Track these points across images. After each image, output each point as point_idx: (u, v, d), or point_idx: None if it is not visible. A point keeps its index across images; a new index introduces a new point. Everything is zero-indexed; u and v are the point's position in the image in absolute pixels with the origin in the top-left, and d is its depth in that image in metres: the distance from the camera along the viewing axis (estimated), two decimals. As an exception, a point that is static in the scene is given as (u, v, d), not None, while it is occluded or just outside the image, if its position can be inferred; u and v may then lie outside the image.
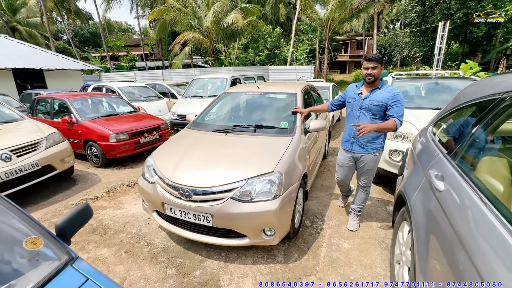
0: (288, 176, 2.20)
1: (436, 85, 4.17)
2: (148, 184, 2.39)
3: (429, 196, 1.36)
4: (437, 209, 1.24)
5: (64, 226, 1.11)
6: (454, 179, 1.21)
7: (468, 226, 1.01)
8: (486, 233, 0.92)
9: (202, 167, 2.22)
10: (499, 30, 16.42)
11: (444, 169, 1.34)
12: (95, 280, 0.96)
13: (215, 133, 2.83)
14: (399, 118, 2.15)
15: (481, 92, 1.38)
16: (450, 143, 1.50)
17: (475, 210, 1.02)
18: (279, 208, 2.02)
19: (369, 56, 2.18)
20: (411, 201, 1.58)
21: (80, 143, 4.80)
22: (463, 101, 1.55)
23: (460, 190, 1.14)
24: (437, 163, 1.44)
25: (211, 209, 2.03)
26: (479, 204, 1.02)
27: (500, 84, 1.22)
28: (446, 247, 1.09)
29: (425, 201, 1.39)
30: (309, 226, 2.80)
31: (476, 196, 1.06)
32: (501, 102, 1.17)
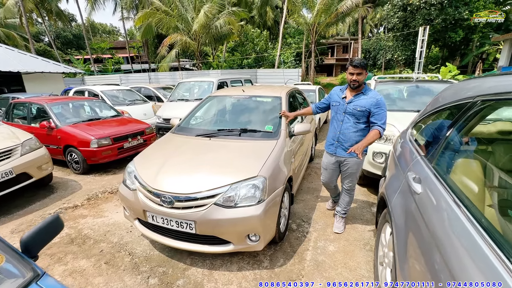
0: (273, 180, 2.19)
1: (417, 88, 4.30)
2: (129, 191, 2.32)
3: (407, 198, 1.37)
4: (415, 211, 1.26)
5: (30, 240, 1.05)
6: (430, 181, 1.24)
7: (443, 227, 1.03)
8: (459, 235, 0.93)
9: (185, 173, 2.18)
10: (475, 35, 17.23)
11: (421, 172, 1.36)
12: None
13: (199, 137, 2.78)
14: (381, 126, 2.19)
15: (456, 95, 1.42)
16: (427, 145, 1.53)
17: (449, 212, 1.03)
18: (263, 213, 2.00)
19: (355, 62, 2.16)
20: (392, 203, 1.60)
21: (59, 149, 4.61)
22: (440, 104, 1.60)
23: (436, 192, 1.16)
24: (415, 166, 1.47)
25: (194, 216, 1.99)
26: (453, 206, 1.04)
27: (473, 89, 1.26)
28: (423, 248, 1.10)
29: (404, 203, 1.40)
30: (295, 229, 2.79)
31: (450, 199, 1.08)
32: (473, 106, 1.21)
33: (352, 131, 2.33)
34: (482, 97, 1.15)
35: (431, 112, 1.73)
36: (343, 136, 2.39)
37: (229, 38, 19.12)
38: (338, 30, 30.89)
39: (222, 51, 25.09)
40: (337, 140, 2.43)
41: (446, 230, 1.01)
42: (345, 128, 2.35)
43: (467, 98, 1.26)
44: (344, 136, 2.38)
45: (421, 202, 1.23)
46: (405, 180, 1.51)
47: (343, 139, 2.39)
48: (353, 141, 2.35)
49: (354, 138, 2.34)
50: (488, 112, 1.17)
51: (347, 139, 2.36)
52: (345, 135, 2.37)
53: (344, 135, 2.38)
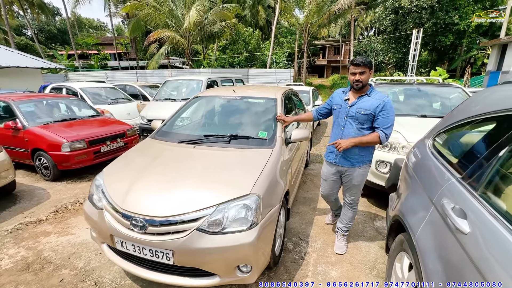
0: (268, 198, 1.85)
1: (419, 91, 4.06)
2: (94, 210, 1.92)
3: (445, 236, 1.06)
4: (461, 256, 0.94)
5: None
6: (483, 219, 0.92)
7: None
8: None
9: (162, 190, 1.80)
10: (464, 40, 17.50)
11: (463, 202, 1.05)
12: None
13: (182, 144, 2.41)
14: (384, 131, 1.96)
15: (503, 104, 1.12)
16: (463, 164, 1.23)
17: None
18: (256, 239, 1.66)
19: (356, 61, 1.95)
20: (417, 235, 1.29)
21: (27, 153, 4.12)
22: (477, 112, 1.30)
23: (498, 236, 0.84)
24: (451, 191, 1.16)
25: (171, 244, 1.62)
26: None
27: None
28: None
29: (440, 241, 1.09)
30: (292, 249, 2.46)
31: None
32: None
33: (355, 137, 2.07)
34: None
35: (461, 122, 1.43)
36: None
37: (221, 37, 18.66)
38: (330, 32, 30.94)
39: (213, 50, 24.59)
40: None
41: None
42: (347, 134, 2.09)
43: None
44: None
45: (472, 246, 0.92)
46: (437, 207, 1.20)
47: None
48: (356, 149, 2.09)
49: (357, 146, 2.07)
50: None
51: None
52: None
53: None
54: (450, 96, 4.07)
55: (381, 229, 2.81)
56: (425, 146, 1.71)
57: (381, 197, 3.36)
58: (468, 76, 15.53)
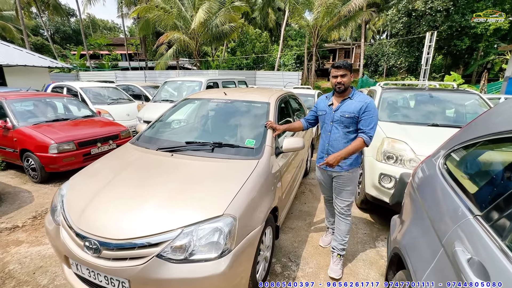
0: (247, 218, 1.59)
1: (430, 97, 3.71)
2: (52, 225, 1.71)
3: (449, 273, 0.77)
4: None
5: None
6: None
7: None
8: None
9: (122, 208, 1.56)
10: (481, 44, 16.75)
11: (483, 252, 0.76)
12: None
13: (159, 152, 2.18)
14: (367, 133, 1.93)
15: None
16: (482, 197, 0.93)
17: None
18: (229, 269, 1.40)
19: (337, 63, 1.96)
20: (421, 280, 1.00)
21: (16, 153, 4.00)
22: (499, 129, 0.99)
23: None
24: (467, 233, 0.87)
25: (128, 272, 1.38)
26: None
27: None
28: None
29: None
30: (279, 273, 2.18)
31: None
32: None
33: (342, 142, 2.02)
34: None
35: (481, 139, 1.12)
36: (332, 148, 2.06)
37: (230, 37, 18.55)
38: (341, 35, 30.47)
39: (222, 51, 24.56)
40: (327, 153, 2.10)
41: None
42: (334, 139, 2.06)
43: None
44: (333, 148, 2.06)
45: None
46: (447, 253, 0.91)
47: (332, 152, 2.05)
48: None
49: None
50: None
51: (336, 151, 2.01)
52: (334, 147, 2.05)
53: (333, 147, 2.06)
54: (465, 103, 3.70)
55: (384, 252, 2.50)
56: (435, 165, 1.41)
57: (385, 213, 3.05)
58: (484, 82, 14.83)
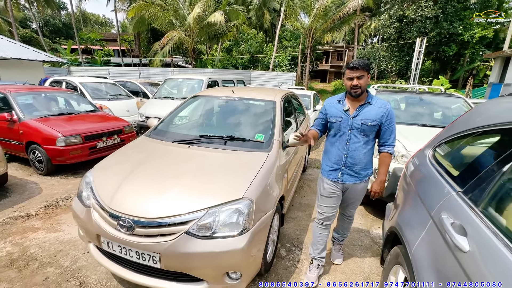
0: (261, 203, 1.79)
1: (420, 100, 4.02)
2: (82, 208, 1.87)
3: (443, 252, 1.01)
4: (459, 276, 0.89)
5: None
6: (484, 237, 0.87)
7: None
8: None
9: (152, 191, 1.74)
10: (467, 51, 17.51)
11: (463, 217, 0.99)
12: None
13: (176, 144, 2.35)
14: (390, 144, 1.84)
15: (506, 116, 1.07)
16: (464, 177, 1.17)
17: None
18: (247, 245, 1.60)
19: (352, 64, 1.72)
20: (413, 250, 1.23)
21: (21, 146, 4.06)
22: (479, 124, 1.25)
23: (499, 257, 0.79)
24: (450, 205, 1.10)
25: (158, 247, 1.56)
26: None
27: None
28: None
29: (437, 258, 1.03)
30: (285, 256, 2.40)
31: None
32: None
33: (362, 152, 1.84)
34: None
35: (464, 133, 1.38)
36: (351, 159, 1.87)
37: (225, 37, 18.67)
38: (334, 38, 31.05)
39: (217, 50, 24.61)
40: (344, 165, 1.89)
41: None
42: (354, 148, 1.85)
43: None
44: (353, 159, 1.86)
45: (471, 266, 0.86)
46: (435, 221, 1.14)
47: (352, 163, 1.87)
48: (363, 164, 1.89)
49: (364, 159, 1.87)
50: None
51: (357, 162, 1.86)
52: (354, 158, 1.86)
53: (353, 158, 1.86)
54: (452, 106, 4.02)
55: (377, 239, 2.75)
56: (425, 156, 1.66)
57: (378, 205, 3.31)
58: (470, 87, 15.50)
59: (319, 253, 2.13)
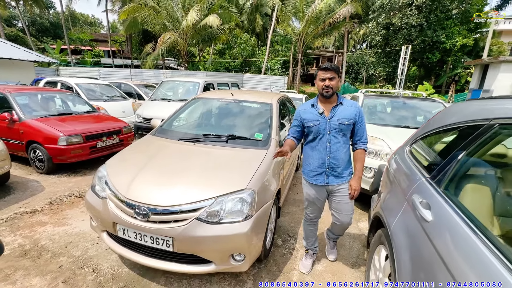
0: (262, 193, 2.01)
1: (404, 104, 4.36)
2: (97, 200, 2.03)
3: (413, 225, 1.26)
4: (424, 240, 1.14)
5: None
6: (442, 209, 1.12)
7: (462, 262, 0.91)
8: (480, 269, 0.81)
9: (164, 182, 1.94)
10: (449, 58, 18.40)
11: (429, 197, 1.25)
12: None
13: (182, 142, 2.55)
14: (364, 141, 1.95)
15: (468, 116, 1.34)
16: (431, 166, 1.44)
17: (469, 246, 0.91)
18: (250, 230, 1.81)
19: (324, 65, 1.79)
20: (392, 227, 1.48)
21: (21, 145, 4.13)
22: (445, 123, 1.53)
23: (452, 222, 1.04)
24: (420, 189, 1.36)
25: (172, 232, 1.75)
26: (473, 238, 0.92)
27: (490, 110, 1.18)
28: (437, 281, 0.97)
29: (409, 230, 1.28)
30: (281, 245, 2.62)
31: (468, 229, 0.96)
32: (489, 129, 1.12)
33: (343, 151, 1.91)
34: (501, 120, 1.07)
35: (434, 131, 1.66)
36: (334, 160, 1.91)
37: (218, 40, 18.89)
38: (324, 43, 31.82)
39: (209, 53, 24.79)
40: (328, 167, 1.92)
41: (465, 264, 0.89)
42: (336, 149, 1.90)
43: (482, 120, 1.18)
44: (335, 160, 1.90)
45: (432, 231, 1.11)
46: (409, 203, 1.40)
47: (335, 164, 1.91)
48: (344, 163, 1.93)
49: (345, 159, 1.94)
50: (506, 138, 1.09)
51: (339, 162, 1.91)
52: (337, 159, 1.90)
53: (336, 159, 1.90)
54: (432, 111, 4.37)
55: (364, 230, 3.01)
56: (404, 152, 1.94)
57: (365, 200, 3.58)
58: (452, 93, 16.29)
59: (312, 244, 2.28)
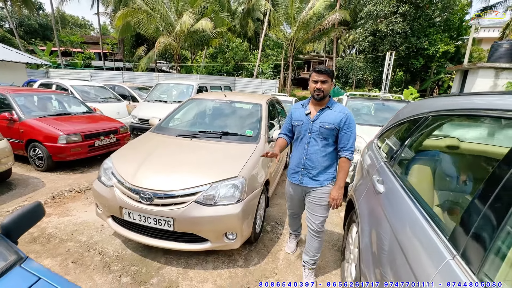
0: (252, 181, 2.30)
1: (383, 105, 4.74)
2: (104, 188, 2.27)
3: (372, 198, 1.57)
4: (377, 208, 1.44)
5: (10, 225, 1.03)
6: (391, 182, 1.44)
7: (401, 221, 1.21)
8: (415, 229, 1.11)
9: (165, 171, 2.20)
10: (433, 64, 19.26)
11: (384, 175, 1.56)
12: (48, 279, 0.91)
13: (180, 137, 2.82)
14: (349, 149, 1.84)
15: (413, 111, 1.68)
16: (388, 153, 1.76)
17: (407, 209, 1.22)
18: (241, 211, 2.09)
19: (319, 68, 1.80)
20: (358, 203, 1.79)
21: (21, 143, 4.29)
22: (400, 118, 1.86)
23: (395, 191, 1.35)
24: (379, 170, 1.68)
25: (173, 213, 2.01)
26: (410, 204, 1.23)
27: (427, 106, 1.51)
28: (385, 240, 1.28)
29: (369, 202, 1.59)
30: (270, 231, 2.90)
31: (407, 197, 1.27)
32: (426, 120, 1.45)
33: (320, 155, 1.89)
34: (433, 113, 1.39)
35: (392, 125, 2.00)
36: (310, 162, 1.92)
37: (211, 43, 19.20)
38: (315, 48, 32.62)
39: (201, 56, 25.05)
40: (303, 167, 1.95)
41: (404, 223, 1.20)
42: (312, 152, 1.90)
43: (422, 114, 1.51)
44: (311, 162, 1.91)
45: (383, 200, 1.42)
46: (371, 182, 1.71)
47: (310, 166, 1.92)
48: (321, 167, 1.92)
49: (323, 163, 1.91)
50: (437, 126, 1.41)
51: (315, 165, 1.91)
52: (312, 161, 1.91)
53: (311, 161, 1.91)
54: (409, 111, 4.79)
55: (345, 218, 3.33)
56: (372, 144, 2.27)
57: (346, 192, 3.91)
58: (436, 96, 17.02)
59: (296, 230, 2.55)
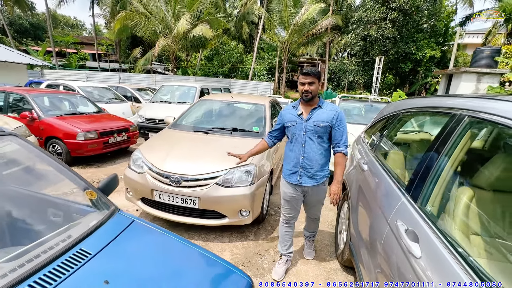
0: (260, 169, 2.75)
1: (371, 106, 5.28)
2: (136, 174, 2.68)
3: (359, 175, 2.04)
4: (362, 182, 1.92)
5: (104, 187, 1.46)
6: (372, 162, 1.91)
7: (379, 190, 1.69)
8: (386, 187, 1.59)
9: (190, 159, 2.63)
10: (420, 68, 20.18)
11: (368, 158, 2.04)
12: (139, 221, 1.34)
13: (196, 133, 3.25)
14: (343, 145, 1.93)
15: (392, 110, 2.16)
16: (372, 142, 2.25)
17: (384, 183, 1.69)
18: (253, 192, 2.54)
19: (305, 70, 1.85)
20: (349, 182, 2.26)
21: (40, 140, 4.62)
22: (382, 115, 2.36)
23: (375, 169, 1.83)
24: (365, 154, 2.15)
25: (198, 193, 2.44)
26: (387, 178, 1.69)
27: (400, 105, 2.00)
28: (366, 200, 1.75)
29: (357, 179, 2.07)
30: (273, 214, 3.35)
31: (385, 173, 1.74)
32: (398, 116, 1.93)
33: (317, 153, 1.95)
34: (403, 110, 1.88)
35: (376, 121, 2.49)
36: (308, 161, 1.96)
37: (207, 46, 19.60)
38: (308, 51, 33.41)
39: (196, 58, 25.42)
40: (302, 167, 1.98)
41: (380, 185, 1.67)
42: (309, 150, 1.96)
43: (397, 111, 1.99)
44: (309, 160, 1.96)
45: (366, 176, 1.90)
46: (358, 165, 2.19)
47: (309, 165, 1.96)
48: (318, 166, 1.98)
49: (320, 161, 1.97)
50: (405, 120, 1.90)
51: (313, 164, 1.96)
52: (310, 160, 1.96)
53: (310, 160, 1.96)
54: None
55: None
56: (360, 137, 2.76)
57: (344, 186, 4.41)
58: (423, 99, 17.85)
59: (287, 249, 2.27)
